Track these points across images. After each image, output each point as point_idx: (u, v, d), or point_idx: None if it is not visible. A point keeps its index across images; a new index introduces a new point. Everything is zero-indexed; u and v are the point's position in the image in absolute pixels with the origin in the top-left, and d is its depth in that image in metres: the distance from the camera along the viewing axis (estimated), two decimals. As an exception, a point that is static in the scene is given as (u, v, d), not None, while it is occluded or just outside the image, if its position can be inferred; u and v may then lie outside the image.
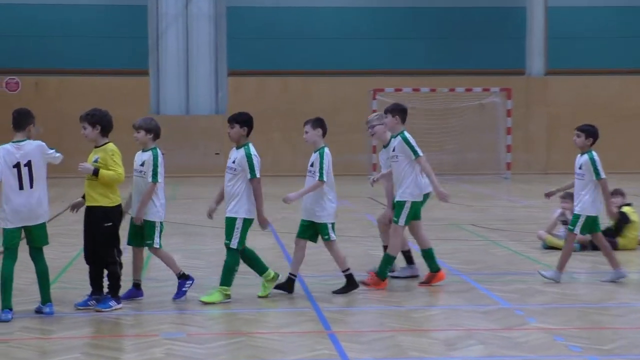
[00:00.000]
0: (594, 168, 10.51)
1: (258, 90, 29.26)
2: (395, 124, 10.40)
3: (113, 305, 9.23)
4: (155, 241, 9.63)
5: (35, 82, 27.60)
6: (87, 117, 9.30)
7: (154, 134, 9.69)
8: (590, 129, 10.71)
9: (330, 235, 9.98)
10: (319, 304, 9.57)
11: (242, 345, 7.99)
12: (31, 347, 7.93)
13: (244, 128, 9.69)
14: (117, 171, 9.15)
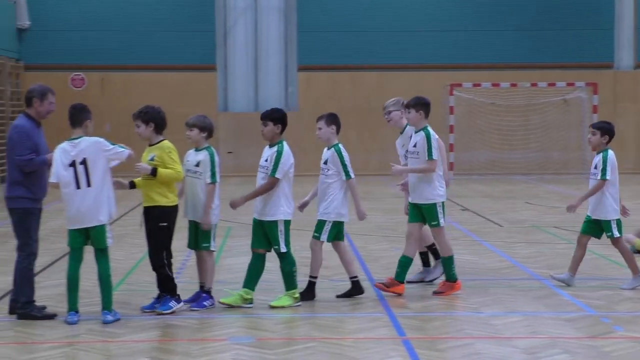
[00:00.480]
0: (602, 167, 10.19)
1: (329, 85, 28.96)
2: (419, 118, 9.97)
3: (173, 306, 9.01)
4: (211, 244, 9.30)
5: (101, 78, 27.69)
6: (141, 115, 9.06)
7: (208, 132, 9.33)
8: (606, 126, 10.38)
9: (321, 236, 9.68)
10: (393, 309, 9.30)
11: (314, 350, 7.77)
12: (97, 350, 7.81)
13: (277, 126, 9.38)
14: (176, 169, 8.93)
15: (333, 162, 9.62)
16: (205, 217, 9.14)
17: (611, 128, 10.37)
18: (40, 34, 28.21)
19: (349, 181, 9.62)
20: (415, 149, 9.91)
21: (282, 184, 9.26)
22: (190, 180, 9.25)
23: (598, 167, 10.24)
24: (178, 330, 8.54)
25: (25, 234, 8.97)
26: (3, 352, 7.69)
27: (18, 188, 8.91)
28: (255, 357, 7.57)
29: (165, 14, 28.58)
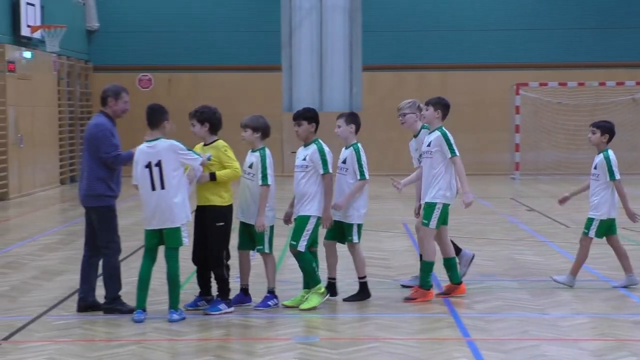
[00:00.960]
0: (608, 168, 10.04)
1: (394, 85, 28.84)
2: (435, 117, 9.78)
3: (223, 309, 8.97)
4: (266, 246, 9.20)
5: (168, 78, 27.94)
6: (197, 114, 9.06)
7: (262, 133, 9.20)
8: (607, 125, 10.21)
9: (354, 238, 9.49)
10: (457, 309, 9.22)
11: (378, 351, 7.74)
12: (163, 349, 7.87)
13: (312, 124, 9.32)
14: (234, 166, 8.91)
15: (351, 161, 9.44)
16: (258, 219, 9.06)
17: (611, 127, 10.22)
18: (109, 35, 28.56)
19: (362, 181, 9.40)
20: (429, 149, 9.69)
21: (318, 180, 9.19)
22: (243, 181, 9.20)
23: (599, 168, 10.12)
24: (243, 330, 8.58)
25: (111, 231, 9.13)
26: (71, 350, 7.80)
27: (100, 185, 9.04)
28: (319, 356, 7.56)
29: (231, 14, 28.72)
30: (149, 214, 8.73)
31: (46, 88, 24.21)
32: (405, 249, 13.20)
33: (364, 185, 9.44)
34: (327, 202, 9.20)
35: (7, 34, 21.74)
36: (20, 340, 8.16)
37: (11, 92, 21.61)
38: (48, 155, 23.85)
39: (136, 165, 8.74)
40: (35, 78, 23.24)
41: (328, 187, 9.21)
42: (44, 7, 23.30)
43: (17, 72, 21.92)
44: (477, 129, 27.89)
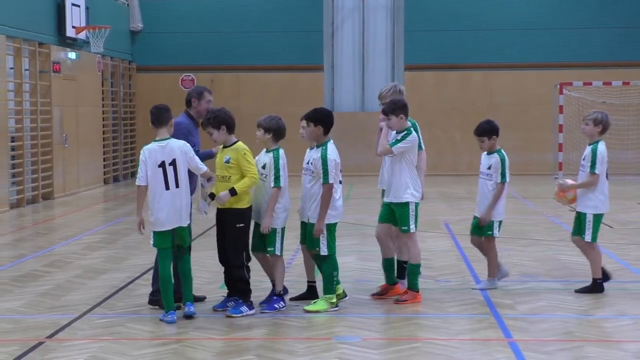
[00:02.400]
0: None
1: (436, 85, 28.74)
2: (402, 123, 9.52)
3: (244, 312, 8.90)
4: (277, 247, 9.08)
5: (210, 79, 28.05)
6: (210, 122, 8.92)
7: (274, 134, 9.05)
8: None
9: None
10: (499, 310, 9.16)
11: (419, 351, 7.72)
12: (206, 348, 7.89)
13: (319, 127, 9.19)
14: (251, 172, 8.80)
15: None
16: (265, 220, 8.96)
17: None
18: (152, 36, 28.75)
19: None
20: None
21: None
22: (259, 183, 9.07)
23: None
24: (284, 329, 8.59)
25: None
26: (114, 348, 7.86)
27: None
28: (360, 356, 7.55)
29: (273, 15, 28.78)
30: (164, 214, 8.65)
31: (90, 88, 24.43)
32: (447, 249, 13.15)
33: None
34: (322, 213, 9.03)
35: (52, 35, 21.97)
36: (64, 338, 8.24)
37: (56, 93, 21.83)
38: (92, 154, 24.07)
39: (146, 164, 8.66)
40: (80, 78, 23.47)
41: (324, 200, 9.01)
42: (88, 8, 23.52)
43: (62, 73, 22.15)
44: (520, 129, 27.68)
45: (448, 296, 9.86)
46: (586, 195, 9.97)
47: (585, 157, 10.02)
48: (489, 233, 10.04)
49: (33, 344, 7.98)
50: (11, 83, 19.84)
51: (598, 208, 9.95)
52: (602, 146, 9.97)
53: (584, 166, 10.04)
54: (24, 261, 12.55)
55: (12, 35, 19.67)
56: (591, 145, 10.03)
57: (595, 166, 9.88)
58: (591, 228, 9.92)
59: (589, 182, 9.93)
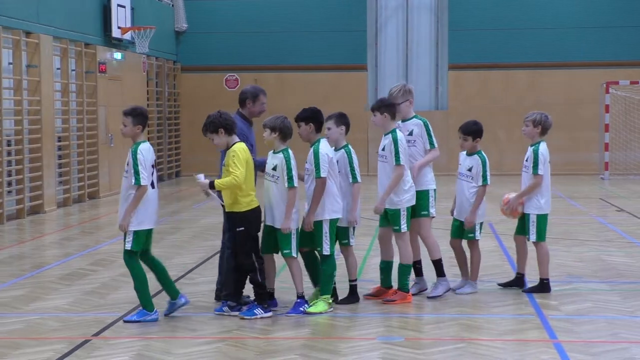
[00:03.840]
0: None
1: (480, 84, 28.60)
2: (385, 121, 9.46)
3: (258, 314, 8.83)
4: (292, 249, 8.96)
5: (254, 78, 28.17)
6: (208, 128, 8.82)
7: (280, 134, 8.90)
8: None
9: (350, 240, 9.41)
10: (544, 311, 9.10)
11: (463, 351, 7.68)
12: (249, 347, 7.92)
13: (309, 125, 9.12)
14: (234, 173, 8.62)
15: (343, 164, 9.25)
16: (285, 221, 8.84)
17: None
18: (197, 36, 28.92)
19: (354, 185, 9.26)
20: (383, 153, 9.46)
21: (328, 182, 9.03)
22: (267, 184, 8.99)
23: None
24: (327, 328, 8.59)
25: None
26: (159, 347, 7.91)
27: None
28: (404, 356, 7.52)
29: (317, 14, 28.81)
30: (153, 212, 8.81)
31: (135, 88, 24.62)
32: (491, 249, 13.06)
33: (359, 189, 9.31)
34: (313, 206, 8.99)
35: (98, 36, 22.17)
36: (109, 336, 8.30)
37: (102, 93, 22.03)
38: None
39: (147, 163, 8.73)
40: (125, 78, 23.66)
41: (317, 193, 8.96)
42: (134, 9, 23.70)
43: (108, 73, 22.34)
44: (566, 128, 27.45)
45: (492, 296, 9.80)
46: (530, 196, 9.92)
47: (528, 158, 9.98)
48: (471, 236, 9.94)
49: (79, 341, 8.06)
50: (58, 83, 20.06)
51: (542, 209, 9.92)
52: (543, 147, 9.96)
53: (527, 167, 9.99)
54: (70, 260, 12.68)
55: (59, 36, 19.88)
56: (532, 147, 9.99)
57: (538, 167, 9.86)
58: (535, 228, 9.90)
59: (534, 185, 9.89)
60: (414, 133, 9.67)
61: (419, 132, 9.68)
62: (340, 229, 9.28)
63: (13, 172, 17.66)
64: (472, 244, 9.99)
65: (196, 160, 28.40)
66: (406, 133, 9.63)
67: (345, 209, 9.23)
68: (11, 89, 17.95)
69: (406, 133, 9.63)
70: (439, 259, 9.67)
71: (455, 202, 10.04)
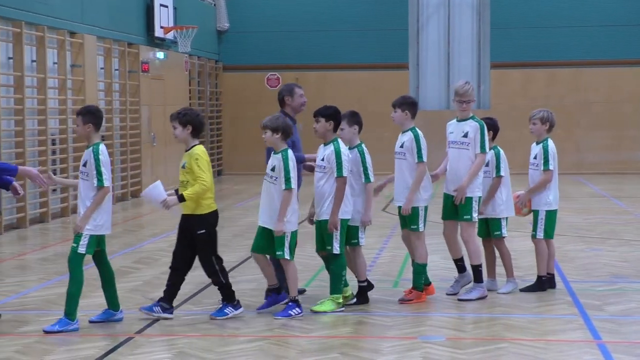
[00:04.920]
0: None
1: (523, 83, 28.41)
2: (405, 119, 9.44)
3: (229, 313, 8.74)
4: (286, 252, 8.81)
5: (295, 77, 28.21)
6: (179, 117, 8.68)
7: (282, 133, 8.80)
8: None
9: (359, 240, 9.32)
10: (587, 311, 9.01)
11: (505, 351, 7.63)
12: (291, 345, 7.93)
13: (329, 122, 9.05)
14: (201, 179, 8.49)
15: (355, 163, 9.19)
16: (278, 224, 8.73)
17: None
18: (238, 35, 29.02)
19: (366, 185, 9.19)
20: (402, 150, 9.39)
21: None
22: (266, 185, 8.87)
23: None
24: (369, 328, 8.59)
25: None
26: (201, 345, 7.95)
27: None
28: (446, 356, 7.50)
29: (359, 13, 28.77)
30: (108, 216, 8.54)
31: (178, 87, 24.76)
32: (530, 249, 12.94)
33: (372, 189, 9.27)
34: (335, 206, 8.93)
35: (141, 36, 22.33)
36: (152, 334, 8.36)
37: (145, 92, 22.19)
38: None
39: (108, 164, 8.48)
40: (168, 78, 23.80)
41: (339, 191, 8.92)
42: (176, 9, 23.84)
43: (151, 73, 22.50)
44: (611, 126, 27.22)
45: (535, 296, 9.74)
46: (539, 193, 9.85)
47: (537, 155, 9.94)
48: (497, 234, 9.88)
49: (123, 339, 8.12)
50: (101, 83, 20.23)
51: (551, 205, 9.89)
52: (551, 143, 9.96)
53: (534, 164, 9.95)
54: (113, 258, 12.73)
55: (103, 36, 20.05)
56: (541, 144, 9.95)
57: (549, 162, 9.84)
58: (544, 225, 9.85)
59: (545, 180, 9.85)
60: (469, 135, 9.55)
61: (473, 135, 9.53)
62: (351, 228, 9.21)
63: (57, 171, 17.84)
64: (500, 242, 9.93)
65: (238, 159, 28.52)
66: (461, 134, 9.57)
67: (356, 209, 9.18)
68: (56, 89, 18.14)
69: (461, 134, 9.57)
70: (479, 264, 9.58)
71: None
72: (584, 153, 27.60)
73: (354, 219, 9.18)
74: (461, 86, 9.67)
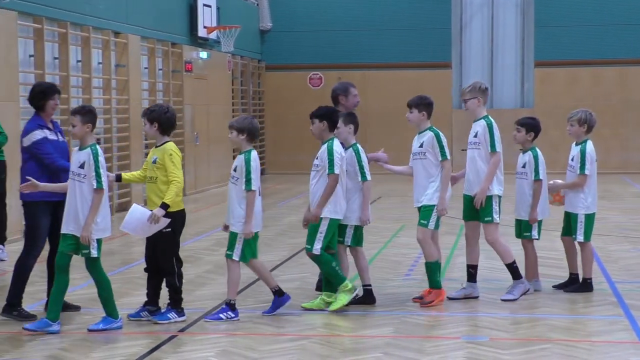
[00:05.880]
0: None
1: (567, 82, 28.15)
2: (421, 119, 9.35)
3: (172, 318, 8.58)
4: (235, 253, 8.67)
5: (338, 77, 28.18)
6: (147, 113, 8.61)
7: (248, 135, 8.68)
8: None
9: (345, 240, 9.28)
10: (633, 312, 8.92)
11: (549, 352, 7.58)
12: (333, 345, 7.93)
13: (323, 122, 9.00)
14: (175, 176, 8.41)
15: (351, 162, 9.17)
16: (245, 226, 8.61)
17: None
18: (281, 35, 29.07)
19: (364, 183, 9.16)
20: (421, 149, 9.32)
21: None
22: (229, 185, 8.80)
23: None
24: (411, 327, 8.56)
25: None
26: (244, 343, 7.97)
27: None
28: (489, 356, 7.46)
29: (401, 12, 28.70)
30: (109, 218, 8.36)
31: (221, 87, 24.87)
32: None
33: (370, 187, 9.23)
34: (322, 200, 8.90)
35: (185, 35, 22.46)
36: (195, 332, 8.40)
37: (188, 92, 22.31)
38: (222, 152, 24.49)
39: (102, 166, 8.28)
40: (211, 77, 23.92)
41: (328, 188, 8.88)
42: (219, 9, 23.94)
43: (194, 72, 22.62)
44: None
45: (579, 297, 9.66)
46: (577, 196, 9.77)
47: (574, 157, 9.81)
48: (527, 235, 9.81)
49: (166, 337, 8.17)
50: (145, 82, 20.37)
51: (589, 208, 9.79)
52: (590, 146, 9.81)
53: (572, 167, 9.83)
54: (157, 256, 12.84)
55: (146, 36, 20.20)
56: (579, 146, 9.81)
57: (585, 167, 9.71)
58: (583, 228, 9.75)
59: (577, 183, 9.76)
60: (479, 134, 9.46)
61: (482, 134, 9.44)
62: (343, 227, 9.20)
63: (102, 169, 17.97)
64: (528, 243, 9.86)
65: (280, 158, 28.59)
66: (472, 135, 9.48)
67: (352, 209, 9.16)
68: (100, 89, 18.29)
69: (472, 135, 9.48)
70: (512, 262, 9.49)
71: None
72: (630, 152, 27.30)
73: (347, 217, 9.17)
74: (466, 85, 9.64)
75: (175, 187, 8.41)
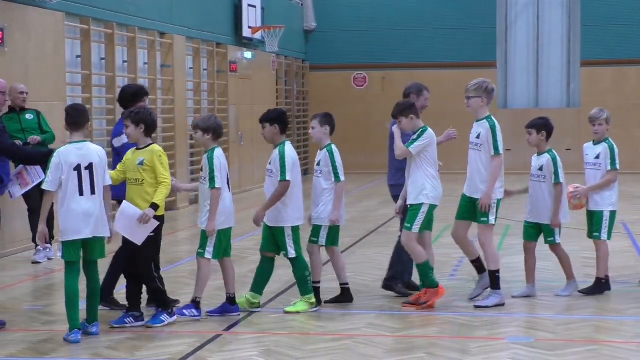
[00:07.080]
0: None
1: (615, 81, 27.87)
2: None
3: (165, 320, 8.49)
4: (207, 250, 8.69)
5: (382, 77, 28.15)
6: (131, 115, 8.49)
7: (213, 134, 8.71)
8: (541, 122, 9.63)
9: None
10: (681, 313, 8.81)
11: (595, 354, 7.51)
12: (377, 345, 7.92)
13: (274, 126, 8.99)
14: (164, 177, 8.32)
15: (325, 163, 9.14)
16: (209, 223, 8.62)
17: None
18: (325, 35, 29.10)
19: (337, 184, 9.12)
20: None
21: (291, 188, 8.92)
22: (199, 185, 8.82)
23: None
24: (456, 327, 8.53)
25: None
26: (287, 342, 7.99)
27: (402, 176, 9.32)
28: (534, 357, 7.41)
29: (446, 11, 28.60)
30: (76, 221, 7.93)
31: (265, 87, 24.95)
32: (624, 249, 12.74)
33: (342, 188, 9.18)
34: (269, 203, 8.93)
35: (229, 36, 22.56)
36: (239, 331, 8.44)
37: (233, 92, 22.41)
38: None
39: (59, 167, 7.97)
40: (255, 77, 24.00)
41: (277, 194, 8.88)
42: (264, 9, 24.02)
43: (239, 72, 22.72)
44: None
45: (626, 298, 9.58)
46: (603, 193, 9.67)
47: (600, 155, 9.73)
48: (550, 240, 9.65)
49: (211, 336, 8.21)
50: (190, 83, 20.50)
51: (614, 205, 9.73)
52: (614, 142, 9.83)
53: (597, 164, 9.73)
54: (201, 255, 12.90)
55: (192, 36, 20.32)
56: (602, 143, 9.76)
57: (616, 162, 9.70)
58: (607, 226, 9.65)
59: (610, 180, 9.68)
60: (482, 136, 9.29)
61: (485, 135, 9.27)
62: (317, 227, 9.22)
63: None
64: (556, 248, 9.72)
65: (324, 158, 28.58)
66: (474, 135, 9.35)
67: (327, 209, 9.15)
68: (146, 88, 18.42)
69: (474, 135, 9.35)
70: (496, 270, 9.25)
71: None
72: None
73: (321, 218, 9.18)
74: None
75: (165, 189, 8.36)
